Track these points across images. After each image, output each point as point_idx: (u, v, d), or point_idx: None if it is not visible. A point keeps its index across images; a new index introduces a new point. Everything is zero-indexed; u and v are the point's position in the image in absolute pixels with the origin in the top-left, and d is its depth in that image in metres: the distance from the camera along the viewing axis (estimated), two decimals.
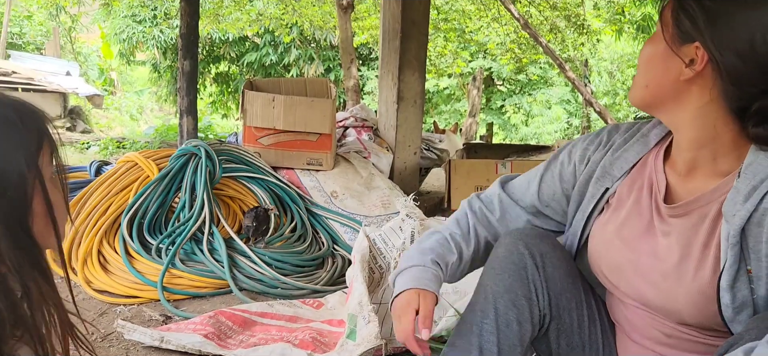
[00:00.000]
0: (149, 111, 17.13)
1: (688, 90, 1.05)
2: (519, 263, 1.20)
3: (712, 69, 1.01)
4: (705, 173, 1.08)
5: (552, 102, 13.90)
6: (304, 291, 2.45)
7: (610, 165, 1.23)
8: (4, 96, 0.86)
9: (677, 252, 1.07)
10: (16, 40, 14.91)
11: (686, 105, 1.06)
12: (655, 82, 1.09)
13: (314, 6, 9.90)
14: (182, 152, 2.90)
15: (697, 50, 1.02)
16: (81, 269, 2.42)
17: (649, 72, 1.11)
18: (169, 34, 13.04)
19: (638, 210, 1.16)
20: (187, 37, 3.90)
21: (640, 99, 1.14)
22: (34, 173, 0.84)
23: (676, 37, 1.05)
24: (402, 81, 3.93)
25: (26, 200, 0.82)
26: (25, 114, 0.86)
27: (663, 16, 1.09)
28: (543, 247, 1.22)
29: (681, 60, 1.04)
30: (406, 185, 3.89)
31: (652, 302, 1.12)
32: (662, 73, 1.08)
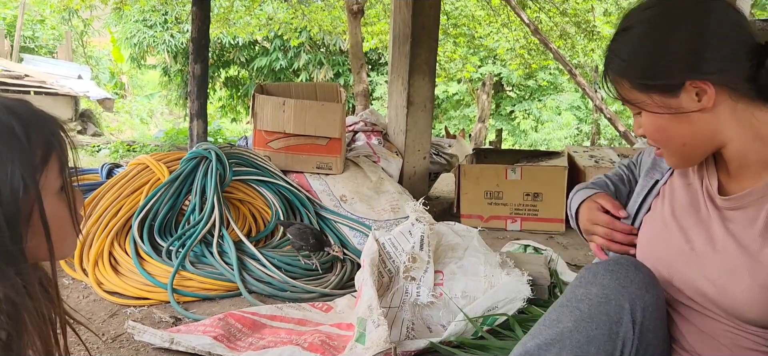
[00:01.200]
0: (159, 115, 17.24)
1: (716, 112, 1.05)
2: (614, 316, 1.05)
3: (715, 82, 1.02)
4: (754, 170, 1.07)
5: (562, 108, 13.85)
6: (313, 294, 2.45)
7: (660, 158, 1.24)
8: (16, 105, 0.83)
9: (735, 245, 1.05)
10: (29, 43, 15.07)
11: (723, 123, 1.06)
12: (688, 136, 1.08)
13: (324, 11, 9.93)
14: (193, 155, 2.92)
15: (692, 85, 1.03)
16: (92, 270, 2.43)
17: (674, 136, 1.09)
18: (180, 38, 13.12)
19: (692, 202, 1.15)
20: (198, 41, 3.92)
21: (688, 157, 1.12)
22: (33, 190, 0.80)
23: (665, 97, 1.05)
24: (412, 86, 3.93)
25: (18, 216, 0.79)
26: (34, 126, 0.83)
27: (631, 98, 1.09)
28: (648, 299, 1.06)
29: (690, 103, 1.04)
30: (416, 190, 3.88)
31: (708, 294, 1.08)
32: (686, 125, 1.07)
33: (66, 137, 0.88)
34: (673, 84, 1.03)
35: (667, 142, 1.10)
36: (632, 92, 1.08)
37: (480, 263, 2.20)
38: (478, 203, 3.76)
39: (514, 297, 2.02)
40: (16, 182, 0.77)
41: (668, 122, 1.07)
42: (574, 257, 3.10)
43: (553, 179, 3.68)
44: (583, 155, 4.07)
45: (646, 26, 1.06)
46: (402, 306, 2.10)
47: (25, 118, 0.82)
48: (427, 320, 2.09)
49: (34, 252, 0.84)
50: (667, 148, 1.12)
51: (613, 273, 1.08)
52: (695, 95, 1.03)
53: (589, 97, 9.01)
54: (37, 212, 0.81)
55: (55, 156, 0.85)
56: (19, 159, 0.78)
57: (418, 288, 2.13)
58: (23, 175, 0.78)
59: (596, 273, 1.10)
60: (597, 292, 1.07)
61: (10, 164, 0.77)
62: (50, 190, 0.84)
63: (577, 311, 1.07)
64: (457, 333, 1.92)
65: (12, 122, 0.79)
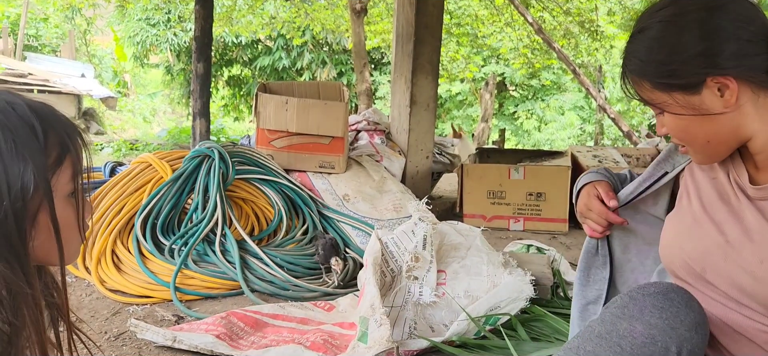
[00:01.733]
0: (162, 113, 17.26)
1: (740, 106, 1.04)
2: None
3: (735, 76, 1.02)
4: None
5: (565, 108, 13.83)
6: (315, 293, 2.45)
7: (674, 150, 1.23)
8: (38, 105, 0.83)
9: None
10: (33, 42, 15.09)
11: (746, 117, 1.05)
12: (712, 133, 1.07)
13: (327, 9, 9.93)
14: (196, 153, 2.92)
15: (713, 81, 1.02)
16: (95, 268, 2.43)
17: (698, 134, 1.08)
18: (183, 37, 13.14)
19: (721, 195, 1.13)
20: (201, 40, 3.93)
21: (713, 154, 1.11)
22: (43, 188, 0.80)
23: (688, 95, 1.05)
24: (415, 85, 3.93)
25: (25, 212, 0.79)
26: (53, 128, 0.83)
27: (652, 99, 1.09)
28: (696, 341, 1.01)
29: (713, 99, 1.04)
30: (418, 189, 3.88)
31: (746, 288, 1.05)
32: (709, 122, 1.06)
33: (83, 145, 0.89)
34: (693, 82, 1.03)
35: (692, 140, 1.09)
36: (653, 93, 1.08)
37: (483, 262, 2.19)
38: (480, 202, 3.76)
39: (516, 297, 2.01)
40: (27, 178, 0.78)
41: (691, 120, 1.06)
42: (577, 257, 3.08)
43: (556, 179, 3.68)
44: (587, 155, 4.06)
45: (662, 26, 1.06)
46: (404, 306, 2.09)
47: (45, 118, 0.83)
48: (429, 319, 2.09)
49: (37, 253, 0.83)
50: (692, 146, 1.11)
51: (662, 310, 1.00)
52: (717, 90, 1.03)
53: (592, 97, 8.99)
54: (44, 213, 0.81)
55: (69, 160, 0.85)
56: (33, 156, 0.78)
57: (420, 288, 2.13)
58: (35, 172, 0.78)
59: (643, 307, 1.01)
60: (642, 331, 0.99)
61: (24, 161, 0.77)
62: (60, 193, 0.84)
63: (618, 348, 1.00)
64: (459, 332, 1.91)
65: (32, 120, 0.80)
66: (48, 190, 0.81)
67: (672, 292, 1.03)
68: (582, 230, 1.40)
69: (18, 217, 0.77)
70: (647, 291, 1.04)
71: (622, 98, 13.87)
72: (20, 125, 0.79)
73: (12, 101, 0.81)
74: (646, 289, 1.04)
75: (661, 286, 1.04)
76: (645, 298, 1.02)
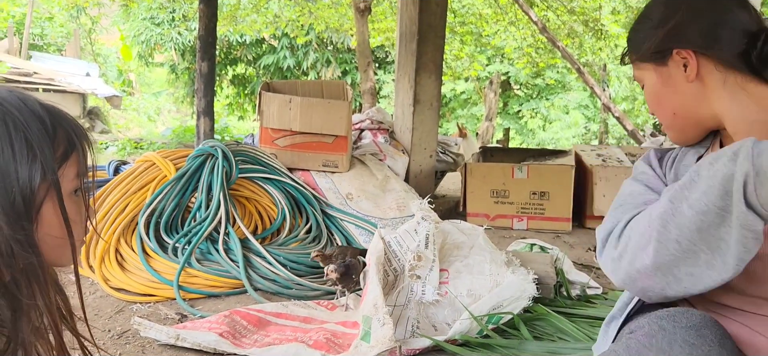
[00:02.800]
0: (167, 112, 17.30)
1: (703, 84, 1.10)
2: None
3: (701, 53, 1.08)
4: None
5: (570, 107, 13.80)
6: (318, 292, 2.45)
7: (675, 177, 1.18)
8: (49, 105, 0.87)
9: None
10: (38, 41, 15.15)
11: (712, 93, 1.10)
12: (677, 105, 1.14)
13: (330, 8, 9.93)
14: (199, 152, 2.92)
15: (678, 54, 1.10)
16: (99, 267, 2.44)
17: (666, 105, 1.16)
18: (187, 35, 13.16)
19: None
20: (205, 39, 3.94)
21: (682, 130, 1.17)
22: (51, 178, 0.82)
23: (658, 65, 1.14)
24: (418, 84, 3.93)
25: (33, 200, 0.81)
26: (61, 124, 0.86)
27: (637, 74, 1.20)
28: None
29: (677, 71, 1.11)
30: (422, 188, 3.88)
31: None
32: (675, 94, 1.13)
33: (89, 146, 0.91)
34: (660, 51, 1.12)
35: (662, 112, 1.17)
36: (637, 67, 1.19)
37: (485, 261, 2.19)
38: (484, 201, 3.75)
39: (519, 296, 2.01)
40: (35, 168, 0.80)
41: (660, 89, 1.15)
42: (580, 257, 3.08)
43: (560, 178, 3.67)
44: (591, 154, 4.05)
45: (644, 8, 1.19)
46: (407, 305, 2.09)
47: (54, 115, 0.86)
48: (432, 318, 2.09)
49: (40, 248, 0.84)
50: (662, 119, 1.18)
51: (693, 346, 0.92)
52: (682, 64, 1.10)
53: (597, 96, 8.97)
54: (48, 204, 0.83)
55: (75, 158, 0.87)
56: (41, 147, 0.81)
57: (423, 287, 2.13)
58: (43, 162, 0.81)
59: (673, 341, 0.94)
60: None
61: (33, 152, 0.80)
62: (65, 188, 0.86)
63: None
64: (462, 331, 1.91)
65: (43, 114, 0.83)
66: (55, 180, 0.83)
67: (705, 328, 0.95)
68: (585, 229, 1.38)
69: (26, 203, 0.80)
70: (679, 323, 0.96)
71: (626, 96, 13.85)
72: (31, 119, 0.82)
73: (24, 97, 0.84)
74: (678, 320, 0.97)
75: (694, 318, 0.97)
76: (676, 331, 0.95)
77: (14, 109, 0.81)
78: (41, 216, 0.83)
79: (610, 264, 1.10)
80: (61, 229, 0.85)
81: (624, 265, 1.06)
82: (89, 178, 0.91)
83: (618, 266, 1.08)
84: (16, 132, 0.80)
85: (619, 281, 1.10)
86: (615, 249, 1.09)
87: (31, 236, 0.81)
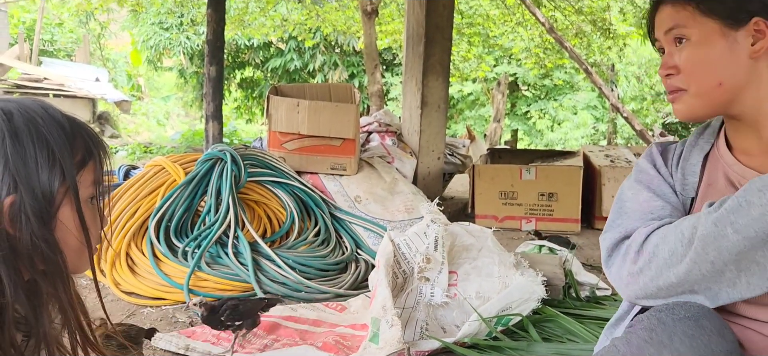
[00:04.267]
0: (176, 116, 17.39)
1: (759, 65, 1.04)
2: None
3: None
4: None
5: (578, 107, 13.76)
6: (327, 294, 2.46)
7: (683, 177, 1.16)
8: (69, 115, 0.90)
9: None
10: (48, 47, 15.27)
11: (759, 77, 1.05)
12: (728, 75, 1.05)
13: (337, 11, 9.95)
14: (208, 156, 2.94)
15: (756, 24, 1.02)
16: (110, 271, 2.46)
17: (712, 73, 1.06)
18: (196, 40, 13.23)
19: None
20: (213, 43, 3.96)
21: (709, 103, 1.07)
22: (70, 181, 0.85)
23: (726, 27, 1.04)
24: (426, 86, 3.93)
25: (52, 201, 0.84)
26: (80, 132, 0.89)
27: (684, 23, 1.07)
28: None
29: (747, 40, 1.03)
30: (430, 190, 3.88)
31: None
32: (731, 63, 1.04)
33: (106, 157, 0.94)
34: (739, 16, 1.02)
35: (701, 77, 1.06)
36: (692, 17, 1.06)
37: (494, 263, 2.19)
38: (492, 203, 3.75)
39: (528, 298, 2.01)
40: (55, 172, 0.84)
41: (717, 54, 1.05)
42: (589, 258, 3.08)
43: (569, 178, 3.66)
44: (599, 155, 4.04)
45: None
46: (416, 307, 2.10)
47: (74, 123, 0.89)
48: (441, 320, 2.09)
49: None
50: (699, 84, 1.06)
51: (692, 338, 0.93)
52: (753, 34, 1.02)
53: (605, 96, 8.93)
54: (65, 208, 0.85)
55: (92, 165, 0.90)
56: (61, 152, 0.84)
57: (432, 289, 2.13)
58: (63, 165, 0.84)
59: (672, 333, 0.94)
60: None
61: (53, 155, 0.83)
62: (81, 195, 0.88)
63: None
64: (470, 333, 1.92)
65: (63, 122, 0.87)
66: (74, 185, 0.86)
67: (704, 318, 0.96)
68: (594, 230, 1.35)
69: (48, 205, 0.83)
70: (677, 315, 0.97)
71: (635, 96, 13.78)
72: (53, 125, 0.85)
73: (46, 105, 0.88)
74: (676, 313, 0.98)
75: (693, 310, 0.98)
76: (675, 323, 0.96)
77: (38, 116, 0.85)
78: (58, 221, 0.85)
79: (627, 277, 1.07)
80: (77, 234, 0.88)
81: (644, 280, 1.04)
82: (105, 185, 0.94)
83: (636, 280, 1.05)
84: (39, 138, 0.83)
85: (631, 294, 1.07)
86: (634, 264, 1.05)
87: (54, 237, 0.84)
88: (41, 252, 0.82)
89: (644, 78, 13.85)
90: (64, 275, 0.86)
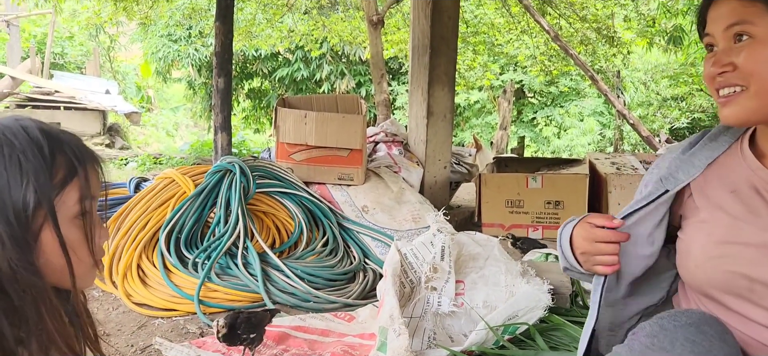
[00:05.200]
0: (185, 127, 17.49)
1: None
2: None
3: None
4: None
5: (584, 114, 13.73)
6: (336, 304, 2.48)
7: (675, 169, 1.16)
8: (57, 130, 0.88)
9: None
10: (59, 60, 15.43)
11: None
12: None
13: (343, 21, 10.01)
14: (217, 168, 2.98)
15: None
16: (121, 282, 2.50)
17: None
18: (204, 51, 13.32)
19: (751, 211, 1.06)
20: (221, 55, 4.00)
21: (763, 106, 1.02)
22: (46, 206, 0.82)
23: None
24: (431, 96, 3.96)
25: (28, 228, 0.81)
26: (62, 150, 0.86)
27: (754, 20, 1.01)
28: None
29: None
30: (437, 200, 3.91)
31: None
32: None
33: (100, 170, 0.91)
34: None
35: (766, 76, 1.01)
36: (760, 14, 1.00)
37: (501, 272, 2.21)
38: (499, 211, 3.77)
39: (534, 306, 2.03)
40: (29, 195, 0.81)
41: None
42: None
43: (575, 186, 3.68)
44: (605, 162, 4.05)
45: None
46: (424, 316, 2.12)
47: (55, 140, 0.86)
48: (448, 329, 2.11)
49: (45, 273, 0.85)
50: (759, 83, 1.01)
51: (694, 343, 0.94)
52: None
53: (611, 102, 8.93)
54: (47, 231, 0.83)
55: (77, 183, 0.87)
56: (37, 175, 0.82)
57: (439, 298, 2.15)
58: (37, 190, 0.81)
59: (674, 339, 0.95)
60: None
61: (27, 177, 0.81)
62: (65, 213, 0.86)
63: None
64: (477, 342, 1.93)
65: (41, 141, 0.84)
66: (51, 208, 0.83)
67: (705, 324, 0.97)
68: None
69: (22, 227, 0.81)
70: (679, 322, 0.98)
71: (642, 102, 13.75)
72: (28, 145, 0.82)
73: (25, 124, 0.85)
74: (678, 319, 0.99)
75: (694, 316, 0.99)
76: (677, 330, 0.97)
77: (12, 136, 0.82)
78: (41, 243, 0.83)
79: None
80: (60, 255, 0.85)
81: None
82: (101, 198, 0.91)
83: None
84: (10, 159, 0.81)
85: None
86: None
87: (32, 259, 0.82)
88: (21, 278, 0.79)
89: (650, 84, 13.83)
90: (46, 299, 0.83)
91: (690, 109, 12.94)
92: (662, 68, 13.07)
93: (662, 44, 9.59)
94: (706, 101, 12.48)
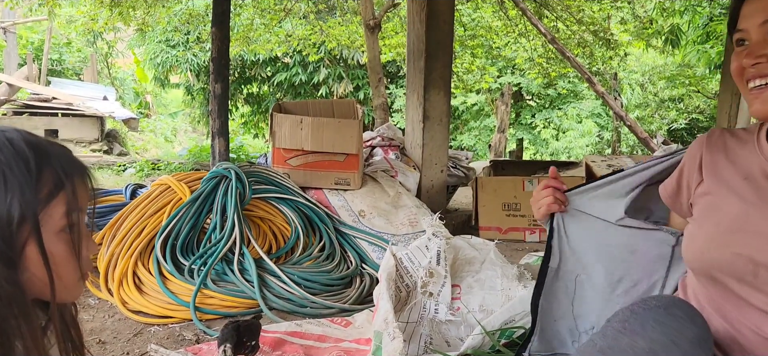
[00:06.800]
0: (183, 133, 17.48)
1: None
2: None
3: None
4: None
5: (582, 116, 13.75)
6: (332, 310, 2.48)
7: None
8: (44, 142, 0.87)
9: None
10: (56, 66, 15.43)
11: None
12: None
13: (341, 26, 10.03)
14: (213, 174, 2.98)
15: None
16: (117, 290, 2.49)
17: None
18: (202, 57, 13.33)
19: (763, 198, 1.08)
20: (218, 61, 4.01)
21: None
22: (30, 221, 0.82)
23: None
24: (427, 100, 3.97)
25: (12, 243, 0.81)
26: (49, 163, 0.85)
27: None
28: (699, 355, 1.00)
29: None
30: (434, 203, 3.91)
31: None
32: None
33: (90, 184, 0.91)
34: None
35: None
36: None
37: (497, 276, 2.21)
38: (496, 215, 3.77)
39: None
40: (13, 210, 0.80)
41: None
42: None
43: None
44: (601, 165, 4.05)
45: None
46: (420, 321, 2.12)
47: (42, 154, 0.85)
48: (445, 334, 2.11)
49: (31, 287, 0.85)
50: None
51: (663, 325, 0.98)
52: None
53: (608, 105, 8.95)
54: (31, 245, 0.83)
55: (63, 197, 0.86)
56: (21, 188, 0.81)
57: (436, 305, 2.15)
58: (22, 203, 0.81)
59: (645, 321, 1.00)
60: (643, 346, 0.97)
61: (11, 192, 0.80)
62: (52, 227, 0.86)
63: None
64: (474, 346, 1.93)
65: (27, 154, 0.83)
66: (35, 222, 0.83)
67: (674, 307, 1.01)
68: None
69: (6, 243, 0.80)
70: (649, 305, 1.02)
71: (639, 103, 13.76)
72: (13, 159, 0.82)
73: (11, 136, 0.84)
74: (648, 303, 1.03)
75: (663, 300, 1.03)
76: (646, 312, 1.01)
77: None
78: (26, 257, 0.83)
79: None
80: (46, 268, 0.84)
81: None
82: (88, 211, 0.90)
83: None
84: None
85: None
86: None
87: (16, 274, 0.81)
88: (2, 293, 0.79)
89: (648, 85, 13.85)
90: (28, 315, 0.82)
91: (687, 110, 12.96)
92: (659, 70, 13.10)
93: (659, 46, 9.62)
94: (703, 102, 12.50)
